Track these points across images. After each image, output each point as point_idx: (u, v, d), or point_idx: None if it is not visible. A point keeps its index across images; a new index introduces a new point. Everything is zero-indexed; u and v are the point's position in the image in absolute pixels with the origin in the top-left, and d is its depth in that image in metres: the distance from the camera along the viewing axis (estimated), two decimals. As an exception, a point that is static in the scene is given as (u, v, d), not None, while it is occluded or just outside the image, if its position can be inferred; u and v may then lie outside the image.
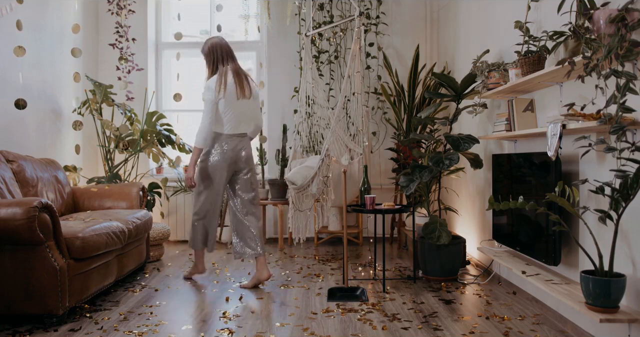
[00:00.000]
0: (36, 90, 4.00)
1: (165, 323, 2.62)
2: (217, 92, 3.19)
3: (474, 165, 3.46)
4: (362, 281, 3.49)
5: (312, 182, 3.51)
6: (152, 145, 4.60)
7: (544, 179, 2.60)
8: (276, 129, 5.19)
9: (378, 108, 5.13)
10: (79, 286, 2.70)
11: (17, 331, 2.50)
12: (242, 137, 3.36)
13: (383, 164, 5.16)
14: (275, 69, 5.20)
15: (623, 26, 1.87)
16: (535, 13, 2.88)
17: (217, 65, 3.31)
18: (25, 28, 3.81)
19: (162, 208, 5.03)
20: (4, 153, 3.25)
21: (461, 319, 2.64)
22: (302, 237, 3.78)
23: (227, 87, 3.22)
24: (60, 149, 4.39)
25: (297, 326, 2.55)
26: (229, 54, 3.34)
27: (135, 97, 5.02)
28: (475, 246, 3.84)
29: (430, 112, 3.65)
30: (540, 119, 2.86)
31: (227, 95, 3.21)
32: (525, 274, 2.64)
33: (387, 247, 4.76)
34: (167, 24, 5.40)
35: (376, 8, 5.06)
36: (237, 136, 3.32)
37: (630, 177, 1.88)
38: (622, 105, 1.85)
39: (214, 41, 3.35)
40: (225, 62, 3.31)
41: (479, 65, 3.20)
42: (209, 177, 3.31)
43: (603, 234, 2.25)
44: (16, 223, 2.41)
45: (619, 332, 2.18)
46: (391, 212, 3.31)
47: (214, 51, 3.32)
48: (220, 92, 3.20)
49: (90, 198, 3.86)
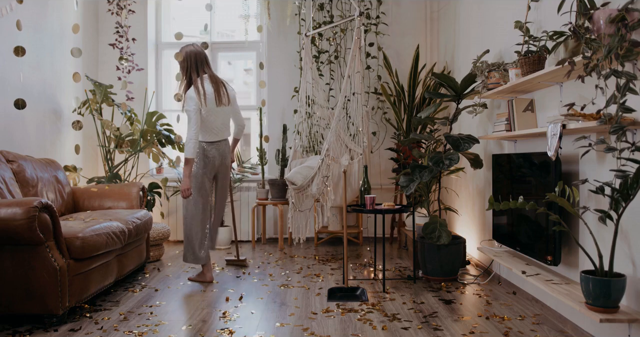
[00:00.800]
0: (36, 90, 4.01)
1: (165, 323, 2.62)
2: (196, 104, 3.22)
3: (474, 165, 3.46)
4: (362, 281, 3.49)
5: (312, 182, 3.51)
6: (152, 145, 4.60)
7: (544, 179, 2.60)
8: (276, 129, 5.19)
9: (378, 108, 5.13)
10: (79, 286, 2.70)
11: (17, 331, 2.50)
12: (224, 143, 3.48)
13: (383, 164, 5.16)
14: (275, 69, 5.21)
15: (623, 26, 1.87)
16: (535, 13, 2.88)
17: (191, 73, 3.33)
18: (25, 28, 3.82)
19: (162, 208, 5.03)
20: (4, 153, 3.25)
21: (461, 319, 2.64)
22: (302, 237, 3.78)
23: (206, 96, 3.27)
24: (60, 149, 4.38)
25: (297, 326, 2.55)
26: (204, 62, 3.37)
27: (135, 97, 5.02)
28: (475, 246, 3.84)
29: (430, 112, 3.65)
30: (540, 119, 2.86)
31: (208, 104, 3.27)
32: (525, 274, 2.64)
33: (387, 247, 4.76)
34: (167, 24, 5.41)
35: (376, 8, 5.06)
36: (218, 143, 3.43)
37: (630, 177, 1.88)
38: (622, 105, 1.85)
39: (189, 49, 3.37)
40: (201, 71, 3.34)
41: (479, 65, 3.20)
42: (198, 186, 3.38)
43: (603, 234, 2.25)
44: (16, 223, 2.41)
45: (619, 332, 2.18)
46: (391, 212, 3.31)
47: (188, 59, 3.34)
48: (201, 101, 3.24)
49: (90, 198, 3.86)
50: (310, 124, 4.14)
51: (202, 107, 3.24)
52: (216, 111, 3.32)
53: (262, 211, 4.99)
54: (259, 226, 5.13)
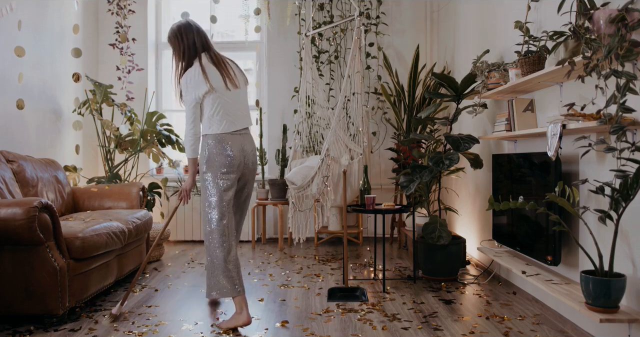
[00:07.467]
0: (36, 90, 4.00)
1: (165, 323, 2.62)
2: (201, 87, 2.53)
3: (474, 165, 3.46)
4: (362, 281, 3.49)
5: (312, 182, 3.51)
6: (152, 145, 4.60)
7: (544, 179, 2.60)
8: (276, 129, 5.19)
9: (378, 108, 5.13)
10: (79, 286, 2.70)
11: (17, 331, 2.50)
12: (246, 137, 2.69)
13: (383, 164, 5.16)
14: (275, 69, 5.21)
15: (623, 26, 1.86)
16: (535, 13, 2.88)
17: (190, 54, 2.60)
18: (25, 28, 3.81)
19: (162, 208, 5.03)
20: (4, 153, 3.24)
21: (461, 319, 2.64)
22: (302, 237, 3.78)
23: (211, 80, 2.54)
24: (60, 149, 4.38)
25: (297, 326, 2.55)
26: (205, 40, 2.64)
27: (135, 97, 5.02)
28: (475, 246, 3.84)
29: (430, 112, 3.65)
30: (540, 119, 2.86)
31: (215, 89, 2.55)
32: (525, 274, 2.64)
33: (387, 247, 4.76)
34: (167, 24, 5.40)
35: (376, 8, 5.06)
36: (238, 134, 2.64)
37: (630, 177, 1.88)
38: (622, 105, 1.85)
39: (182, 23, 2.64)
40: (200, 50, 2.61)
41: (479, 65, 3.20)
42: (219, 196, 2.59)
43: (603, 234, 2.25)
44: (16, 223, 2.41)
45: (619, 332, 2.18)
46: (391, 212, 3.31)
47: (183, 36, 2.60)
48: (205, 86, 2.53)
49: (90, 198, 3.86)
50: (310, 124, 4.14)
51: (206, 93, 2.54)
52: (227, 95, 2.59)
53: (262, 211, 4.99)
54: (259, 226, 5.13)
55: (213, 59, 2.61)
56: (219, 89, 2.57)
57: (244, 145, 2.65)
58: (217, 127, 2.57)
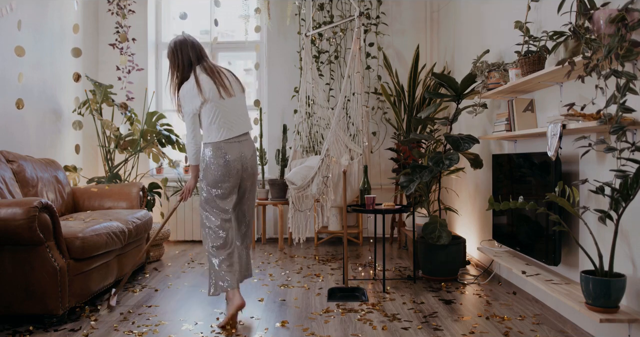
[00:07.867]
0: (36, 90, 4.00)
1: (165, 323, 2.62)
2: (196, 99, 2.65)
3: (474, 165, 3.46)
4: (362, 281, 3.49)
5: (312, 182, 3.51)
6: (152, 145, 4.60)
7: (544, 179, 2.60)
8: (276, 129, 5.19)
9: (378, 108, 5.13)
10: (79, 286, 2.70)
11: (17, 331, 2.50)
12: (245, 143, 2.78)
13: (383, 164, 5.16)
14: (275, 69, 5.20)
15: (623, 26, 1.87)
16: (535, 13, 2.88)
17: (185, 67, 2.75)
18: (25, 28, 3.81)
19: (162, 208, 5.03)
20: (4, 153, 3.24)
21: (461, 319, 2.64)
22: (302, 237, 3.78)
23: (205, 91, 2.65)
24: (60, 149, 4.38)
25: (297, 326, 2.55)
26: (200, 53, 2.78)
27: (135, 97, 5.02)
28: (475, 246, 3.84)
29: (430, 112, 3.65)
30: (540, 119, 2.86)
31: (211, 99, 2.66)
32: (525, 274, 2.64)
33: (387, 247, 4.76)
34: (167, 24, 5.41)
35: (376, 8, 5.06)
36: (237, 141, 2.73)
37: (630, 177, 1.88)
38: (622, 106, 1.85)
39: (178, 39, 2.79)
40: (195, 63, 2.74)
41: (479, 65, 3.20)
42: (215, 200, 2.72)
43: (603, 234, 2.25)
44: (16, 223, 2.41)
45: (619, 332, 2.18)
46: (391, 212, 3.31)
47: (179, 51, 2.76)
48: (199, 98, 2.64)
49: (90, 198, 3.86)
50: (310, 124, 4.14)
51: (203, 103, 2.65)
52: (223, 103, 2.68)
53: (262, 211, 4.99)
54: (259, 226, 5.13)
55: (207, 70, 2.74)
56: (214, 98, 2.68)
57: (243, 151, 2.76)
58: (215, 135, 2.69)
